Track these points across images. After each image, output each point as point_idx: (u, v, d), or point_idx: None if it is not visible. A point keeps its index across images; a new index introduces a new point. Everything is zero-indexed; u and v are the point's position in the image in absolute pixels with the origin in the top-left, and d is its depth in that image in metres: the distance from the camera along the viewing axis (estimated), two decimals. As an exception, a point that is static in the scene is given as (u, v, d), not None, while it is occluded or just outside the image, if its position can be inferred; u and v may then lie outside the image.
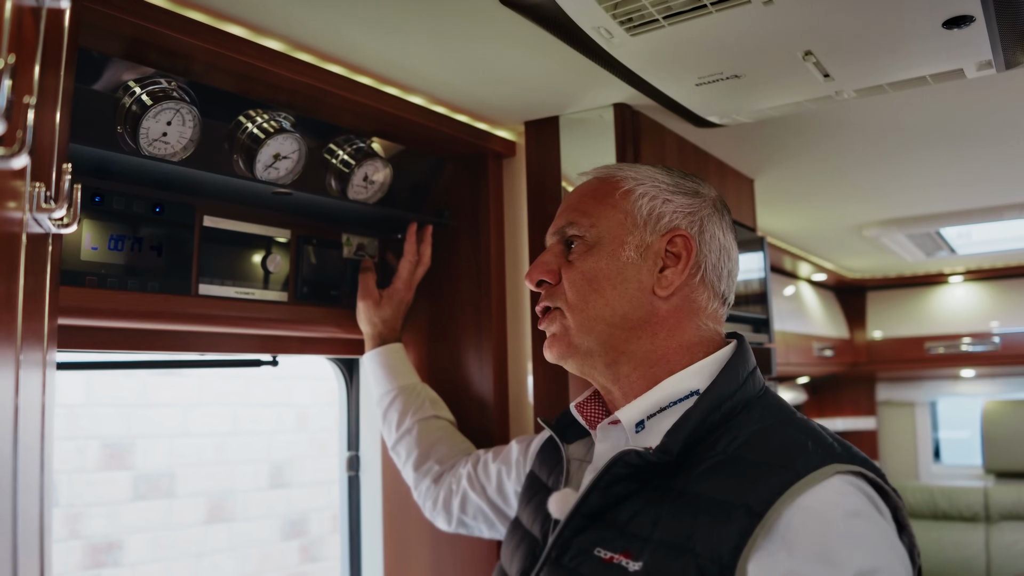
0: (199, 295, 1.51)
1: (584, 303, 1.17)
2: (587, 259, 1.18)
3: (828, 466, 0.96)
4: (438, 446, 1.68)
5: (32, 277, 0.73)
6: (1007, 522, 4.34)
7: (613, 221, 1.19)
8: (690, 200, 1.20)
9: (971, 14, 1.19)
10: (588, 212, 1.21)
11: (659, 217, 1.18)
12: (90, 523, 2.98)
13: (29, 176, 0.69)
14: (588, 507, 1.08)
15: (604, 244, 1.18)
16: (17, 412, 0.68)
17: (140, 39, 1.22)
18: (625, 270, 1.17)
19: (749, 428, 1.06)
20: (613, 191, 1.21)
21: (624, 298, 1.16)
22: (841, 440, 1.05)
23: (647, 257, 1.17)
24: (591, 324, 1.17)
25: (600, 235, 1.19)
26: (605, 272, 1.17)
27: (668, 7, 1.20)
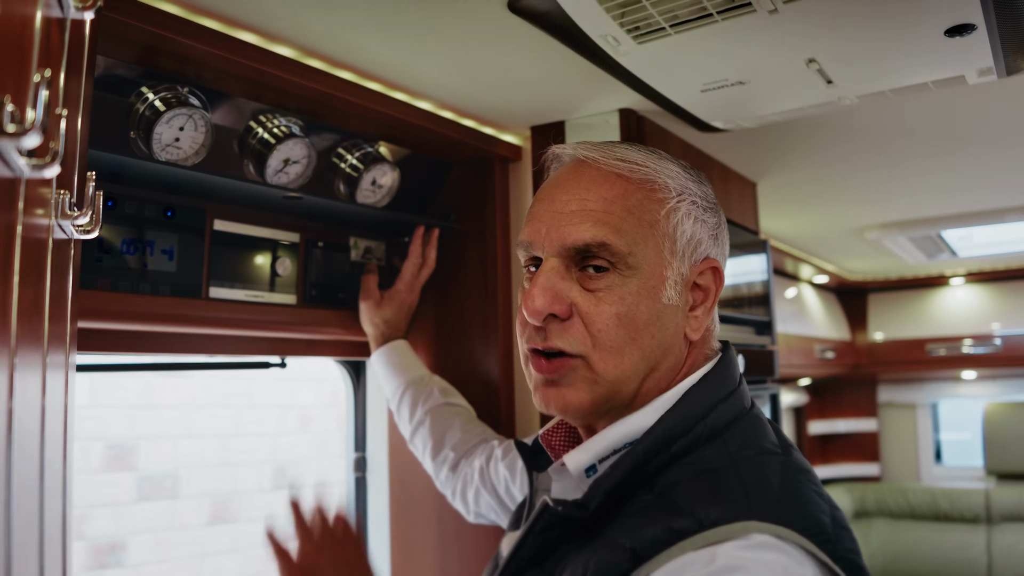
0: (209, 298, 1.53)
1: (620, 354, 0.94)
2: (622, 296, 0.94)
3: (739, 523, 0.81)
4: (451, 433, 1.67)
5: (56, 282, 0.75)
6: (1008, 524, 4.35)
7: (652, 247, 0.96)
8: (715, 217, 1.02)
9: (972, 22, 1.21)
10: (623, 228, 0.95)
11: (697, 244, 0.98)
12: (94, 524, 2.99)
13: (55, 184, 0.71)
14: (525, 551, 0.95)
15: (643, 277, 0.95)
16: (44, 414, 0.70)
17: (154, 46, 1.24)
18: (664, 315, 0.96)
19: (696, 468, 0.90)
20: (655, 205, 0.97)
21: (661, 347, 0.97)
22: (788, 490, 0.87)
23: (683, 294, 0.98)
24: (625, 378, 0.95)
25: (639, 263, 0.95)
26: (646, 316, 0.95)
27: (674, 16, 1.21)
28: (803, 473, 0.92)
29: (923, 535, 4.53)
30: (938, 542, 4.45)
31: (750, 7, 1.17)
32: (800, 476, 0.91)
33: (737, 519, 0.81)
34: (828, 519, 0.87)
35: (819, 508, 0.87)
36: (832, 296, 4.84)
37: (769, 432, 0.97)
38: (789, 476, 0.90)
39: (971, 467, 4.85)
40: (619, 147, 1.01)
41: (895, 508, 4.64)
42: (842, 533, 0.87)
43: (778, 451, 0.94)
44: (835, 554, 0.84)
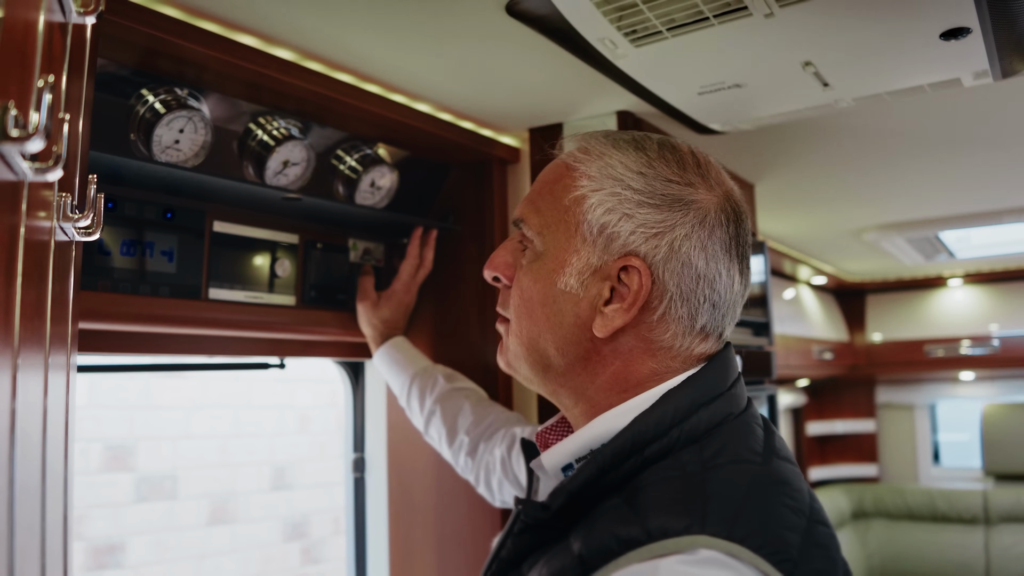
0: (209, 299, 1.53)
1: (518, 325, 1.00)
2: (528, 273, 0.98)
3: (687, 537, 0.77)
4: (462, 418, 1.66)
5: (58, 283, 0.75)
6: (1006, 524, 4.36)
7: (561, 232, 0.96)
8: (662, 215, 0.93)
9: (968, 26, 1.22)
10: (541, 209, 0.98)
11: (612, 237, 0.94)
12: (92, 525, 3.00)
13: (57, 186, 0.72)
14: (505, 552, 0.93)
15: (547, 261, 0.97)
16: (46, 415, 0.70)
17: (154, 49, 1.25)
18: (559, 300, 0.96)
19: (665, 473, 0.86)
20: (569, 191, 0.97)
21: (557, 332, 0.97)
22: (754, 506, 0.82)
23: (590, 286, 0.94)
24: (524, 350, 1.00)
25: (547, 247, 0.97)
26: (539, 297, 0.97)
27: (671, 19, 1.22)
28: (778, 485, 0.86)
29: (921, 536, 4.53)
30: (936, 543, 4.46)
31: (746, 11, 1.18)
32: (772, 489, 0.85)
33: (687, 532, 0.78)
34: (797, 536, 0.81)
35: (786, 524, 0.82)
36: (830, 297, 4.85)
37: (754, 439, 0.92)
38: (758, 488, 0.84)
39: (969, 468, 4.86)
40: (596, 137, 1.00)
41: (893, 509, 4.65)
42: (814, 552, 0.81)
43: (756, 460, 0.88)
44: (797, 570, 0.78)
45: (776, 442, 0.94)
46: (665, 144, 0.98)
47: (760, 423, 0.96)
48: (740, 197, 1.00)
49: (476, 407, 1.68)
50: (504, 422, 1.64)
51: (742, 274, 0.99)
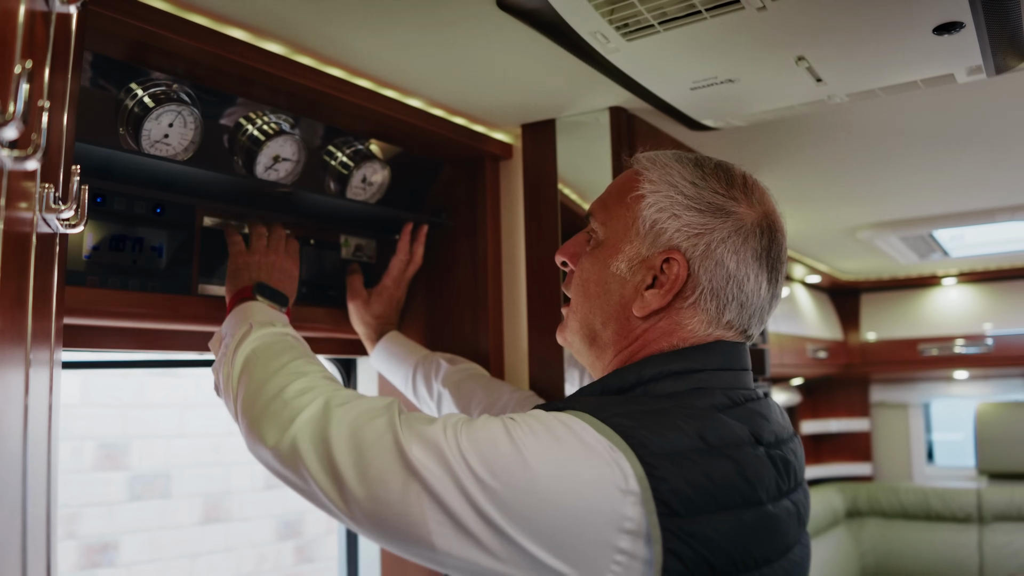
0: (199, 295, 1.52)
1: (576, 302, 1.17)
2: (589, 260, 1.16)
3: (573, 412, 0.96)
4: (476, 397, 1.65)
5: (41, 277, 0.74)
6: (1000, 523, 4.36)
7: (620, 224, 1.14)
8: (705, 219, 1.10)
9: (961, 20, 1.21)
10: (607, 207, 1.17)
11: (660, 232, 1.10)
12: (85, 523, 2.99)
13: (39, 177, 0.71)
14: None
15: (605, 248, 1.14)
16: (27, 412, 0.69)
17: (142, 42, 1.24)
18: (610, 282, 1.13)
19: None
20: (632, 189, 1.14)
21: (605, 308, 1.14)
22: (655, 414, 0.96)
23: (637, 272, 1.11)
24: (579, 324, 1.17)
25: (607, 236, 1.15)
26: (596, 279, 1.15)
27: (664, 13, 1.22)
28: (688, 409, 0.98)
29: (915, 535, 4.54)
30: (930, 541, 4.46)
31: (739, 4, 1.17)
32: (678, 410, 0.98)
33: (567, 408, 0.97)
34: (661, 440, 0.92)
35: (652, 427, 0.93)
36: (824, 296, 4.86)
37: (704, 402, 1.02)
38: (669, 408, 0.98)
39: (963, 467, 4.87)
40: (665, 153, 1.18)
41: (887, 508, 4.66)
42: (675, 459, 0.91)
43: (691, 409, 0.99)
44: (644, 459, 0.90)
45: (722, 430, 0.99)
46: (721, 164, 1.16)
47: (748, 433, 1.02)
48: (779, 217, 1.17)
49: (486, 387, 1.69)
50: (517, 402, 1.65)
51: (770, 282, 1.13)
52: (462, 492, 0.89)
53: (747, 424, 1.03)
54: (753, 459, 0.99)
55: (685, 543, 0.88)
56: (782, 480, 1.04)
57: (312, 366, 1.21)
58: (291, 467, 1.05)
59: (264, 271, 1.49)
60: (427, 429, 0.95)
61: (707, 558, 0.89)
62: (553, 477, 0.89)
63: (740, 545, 0.93)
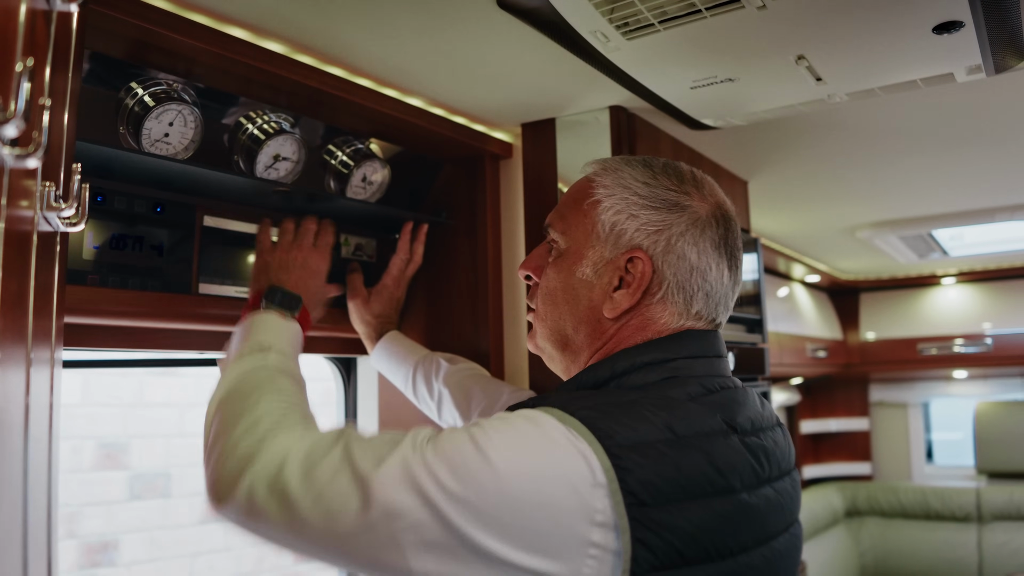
0: (199, 294, 1.52)
1: (544, 314, 1.18)
2: (553, 269, 1.17)
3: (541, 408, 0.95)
4: (476, 398, 1.66)
5: (42, 275, 0.74)
6: (999, 522, 4.37)
7: (580, 232, 1.15)
8: (662, 216, 1.12)
9: (961, 19, 1.22)
10: (564, 217, 1.18)
11: (620, 234, 1.12)
12: (85, 523, 2.98)
13: (40, 175, 0.71)
14: None
15: (568, 256, 1.16)
16: (28, 411, 0.69)
17: (143, 41, 1.24)
18: (578, 288, 1.14)
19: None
20: (586, 196, 1.16)
21: (575, 314, 1.15)
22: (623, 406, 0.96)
23: (603, 275, 1.13)
24: (548, 331, 1.18)
25: (568, 245, 1.16)
26: (563, 287, 1.16)
27: (663, 12, 1.22)
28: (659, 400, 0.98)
29: (914, 534, 4.54)
30: (929, 541, 4.47)
31: (739, 3, 1.18)
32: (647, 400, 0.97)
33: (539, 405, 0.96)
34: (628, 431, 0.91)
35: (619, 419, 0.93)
36: (824, 295, 4.86)
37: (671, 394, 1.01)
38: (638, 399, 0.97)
39: (962, 466, 4.87)
40: (614, 158, 1.20)
41: (886, 507, 4.66)
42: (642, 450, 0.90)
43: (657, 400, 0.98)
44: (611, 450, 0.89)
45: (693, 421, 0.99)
46: (669, 163, 1.18)
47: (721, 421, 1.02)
48: (730, 207, 1.18)
49: (486, 387, 1.69)
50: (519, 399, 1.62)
51: (731, 269, 1.15)
52: (432, 510, 0.88)
53: (720, 412, 1.02)
54: (725, 447, 0.98)
55: (654, 532, 0.88)
56: (760, 468, 1.03)
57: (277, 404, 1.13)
58: (252, 518, 0.99)
59: (282, 271, 1.46)
60: (390, 452, 0.93)
61: (677, 547, 0.89)
62: (521, 476, 0.88)
63: (712, 533, 0.92)
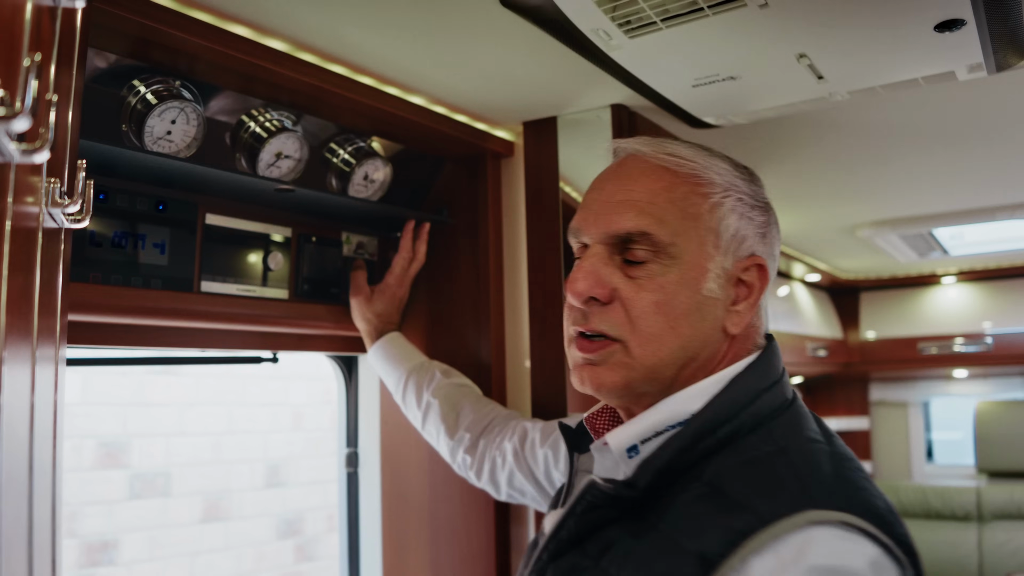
0: (201, 292, 1.53)
1: (657, 341, 0.97)
2: (662, 284, 0.98)
3: (800, 514, 0.82)
4: (464, 414, 1.66)
5: (46, 272, 0.74)
6: (999, 521, 4.36)
7: (695, 239, 0.99)
8: (764, 216, 1.04)
9: (962, 18, 1.22)
10: (665, 219, 0.98)
11: (741, 240, 1.01)
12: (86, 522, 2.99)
13: (45, 172, 0.71)
14: (565, 532, 0.97)
15: (684, 267, 0.98)
16: (33, 409, 0.69)
17: (145, 39, 1.24)
18: (704, 305, 0.99)
19: (738, 458, 0.92)
20: (699, 199, 1.00)
21: (699, 337, 0.99)
22: (841, 477, 0.90)
23: (726, 287, 1.00)
24: (662, 366, 0.98)
25: (680, 254, 0.98)
26: (685, 305, 0.98)
27: (666, 10, 1.22)
28: (849, 460, 0.94)
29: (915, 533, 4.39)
30: (929, 540, 4.46)
31: (741, 1, 1.18)
32: (847, 463, 0.93)
33: (796, 510, 0.82)
34: (881, 504, 0.88)
35: (872, 493, 0.89)
36: (824, 295, 4.86)
37: (812, 422, 0.99)
38: (837, 463, 0.92)
39: (962, 465, 4.87)
40: (671, 143, 1.04)
41: (887, 506, 4.65)
42: (895, 518, 0.88)
43: (822, 440, 0.96)
44: (892, 535, 0.85)
45: (825, 425, 1.01)
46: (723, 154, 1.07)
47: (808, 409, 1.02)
48: None
49: (475, 404, 1.69)
50: (505, 418, 1.65)
51: None
52: None
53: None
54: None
55: None
56: None
57: None
58: None
59: None
60: None
61: None
62: None
63: None
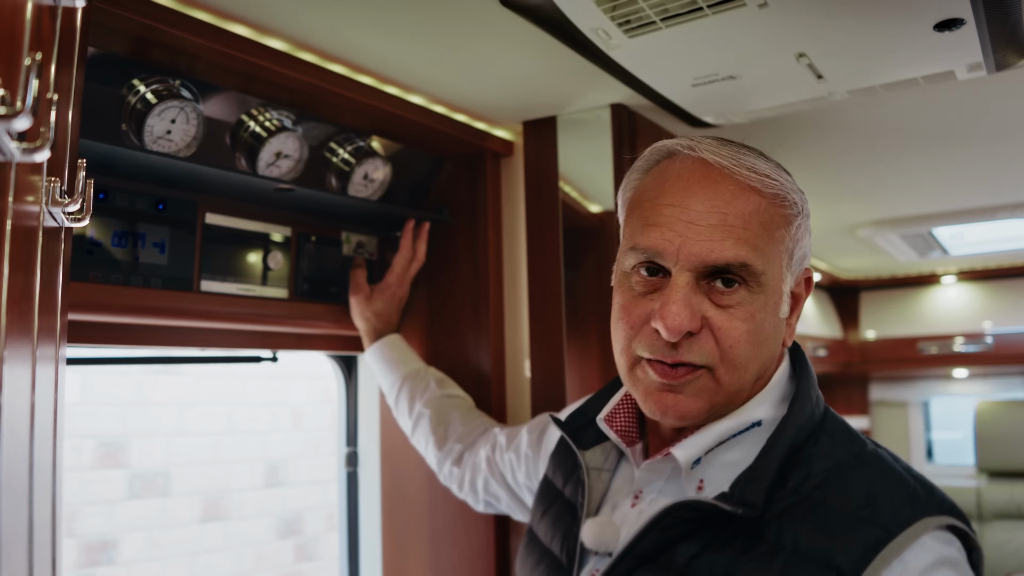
0: (201, 291, 1.53)
1: (744, 368, 0.96)
2: (752, 313, 0.95)
3: (919, 522, 0.87)
4: (454, 426, 1.67)
5: (47, 271, 0.74)
6: (999, 521, 4.36)
7: (776, 263, 0.97)
8: (807, 223, 1.02)
9: (962, 17, 1.22)
10: (759, 248, 0.95)
11: (803, 257, 1.01)
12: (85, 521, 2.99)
13: (45, 171, 0.71)
14: (642, 548, 0.96)
15: (769, 293, 0.96)
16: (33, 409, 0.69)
17: (146, 38, 1.24)
18: (779, 327, 1.00)
19: (822, 465, 0.94)
20: (782, 222, 0.97)
21: (772, 357, 1.01)
22: (921, 479, 0.94)
23: (787, 305, 1.01)
24: (744, 389, 0.99)
25: (768, 281, 0.96)
26: (769, 330, 0.97)
27: (665, 9, 1.22)
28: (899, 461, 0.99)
29: (914, 532, 4.52)
30: (929, 539, 4.46)
31: (740, 1, 1.18)
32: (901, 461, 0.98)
33: (915, 519, 0.87)
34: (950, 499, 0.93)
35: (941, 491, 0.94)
36: (824, 294, 4.86)
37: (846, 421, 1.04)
38: (904, 466, 0.96)
39: (962, 465, 4.87)
40: (744, 153, 0.99)
41: (886, 505, 4.65)
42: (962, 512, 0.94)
43: (868, 441, 1.01)
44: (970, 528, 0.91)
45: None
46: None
47: None
48: None
49: (466, 416, 1.70)
50: (489, 428, 1.67)
51: None
52: None
53: None
54: None
55: None
56: None
57: None
58: None
59: None
60: None
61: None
62: None
63: None
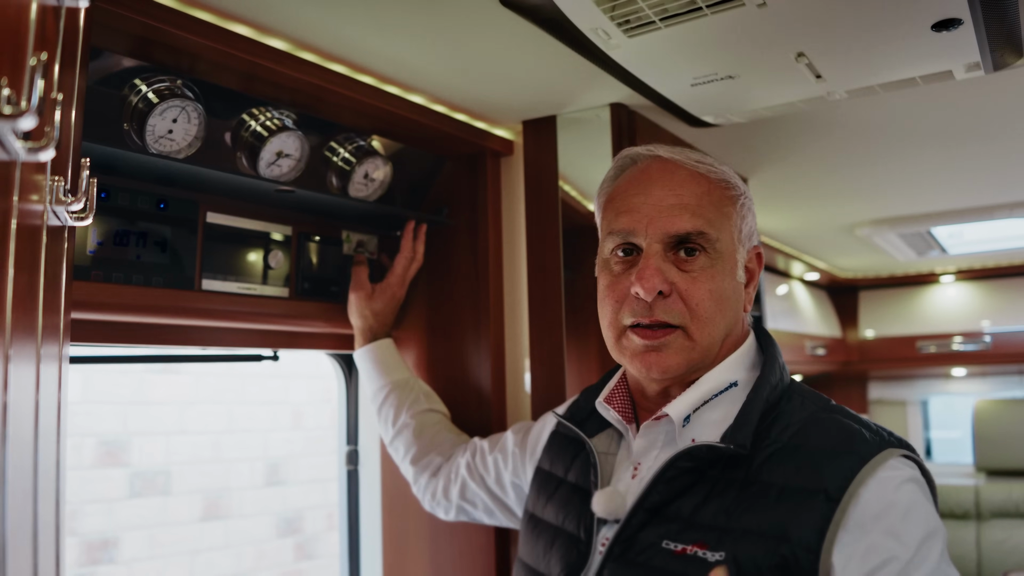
0: (202, 290, 1.53)
1: (712, 323, 1.15)
2: (712, 275, 1.15)
3: (886, 450, 1.05)
4: (437, 440, 1.71)
5: (51, 269, 0.75)
6: (998, 519, 4.37)
7: (728, 235, 1.18)
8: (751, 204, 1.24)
9: (959, 17, 1.22)
10: (711, 219, 1.16)
11: (750, 233, 1.22)
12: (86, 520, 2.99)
13: (49, 170, 0.72)
14: (651, 502, 1.10)
15: (725, 260, 1.17)
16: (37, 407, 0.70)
17: (147, 38, 1.25)
18: (736, 290, 1.19)
19: (799, 415, 1.13)
20: (729, 201, 1.19)
21: (734, 317, 1.19)
22: (881, 426, 1.13)
23: (742, 274, 1.20)
24: (714, 344, 1.17)
25: (723, 248, 1.16)
26: (728, 291, 1.17)
27: (664, 9, 1.22)
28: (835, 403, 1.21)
29: (913, 531, 4.53)
30: (928, 538, 4.46)
31: (739, 1, 1.18)
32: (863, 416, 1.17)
33: (881, 449, 1.05)
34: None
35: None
36: (823, 293, 4.86)
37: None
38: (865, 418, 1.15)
39: (961, 464, 4.88)
40: (693, 151, 1.22)
41: (885, 504, 4.65)
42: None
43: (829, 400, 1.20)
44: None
45: None
46: None
47: None
48: None
49: (449, 432, 1.75)
50: (465, 442, 1.71)
51: None
52: None
53: None
54: None
55: None
56: None
57: None
58: None
59: None
60: None
61: None
62: None
63: None
